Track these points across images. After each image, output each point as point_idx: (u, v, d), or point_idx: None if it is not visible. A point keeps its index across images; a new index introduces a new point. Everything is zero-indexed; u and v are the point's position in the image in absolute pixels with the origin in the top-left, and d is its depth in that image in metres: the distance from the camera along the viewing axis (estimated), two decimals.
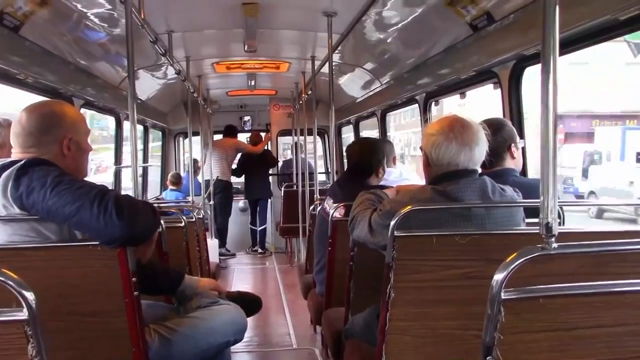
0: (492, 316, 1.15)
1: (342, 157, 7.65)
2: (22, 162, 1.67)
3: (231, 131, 7.51)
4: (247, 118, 8.27)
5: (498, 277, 1.14)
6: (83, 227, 1.63)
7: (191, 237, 3.32)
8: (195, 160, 7.08)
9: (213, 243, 5.98)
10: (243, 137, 8.13)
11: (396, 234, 1.65)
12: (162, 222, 2.60)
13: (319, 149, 8.20)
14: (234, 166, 7.53)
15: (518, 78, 2.95)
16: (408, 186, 2.22)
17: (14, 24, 2.65)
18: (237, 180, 7.87)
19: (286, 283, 5.97)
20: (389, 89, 5.01)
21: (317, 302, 3.17)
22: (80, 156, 1.85)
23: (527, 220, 1.90)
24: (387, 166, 3.14)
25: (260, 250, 7.68)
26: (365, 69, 5.07)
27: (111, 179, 5.11)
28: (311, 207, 4.30)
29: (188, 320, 2.08)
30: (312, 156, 5.60)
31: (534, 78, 1.36)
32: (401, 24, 3.57)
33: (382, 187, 2.32)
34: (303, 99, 5.96)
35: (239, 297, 2.43)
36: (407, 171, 4.93)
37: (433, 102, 4.22)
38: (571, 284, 1.18)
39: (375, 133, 6.00)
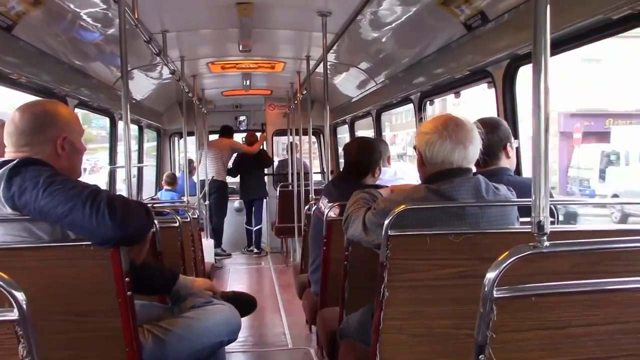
0: (484, 314, 1.15)
1: (338, 156, 7.66)
2: (15, 161, 1.66)
3: (227, 131, 7.51)
4: (242, 118, 8.25)
5: (490, 275, 1.14)
6: (76, 228, 1.62)
7: (185, 237, 3.32)
8: (191, 161, 7.07)
9: (208, 243, 5.98)
10: (238, 137, 8.12)
11: (390, 233, 1.64)
12: (156, 222, 2.59)
13: (315, 149, 8.20)
14: (229, 166, 7.53)
15: (512, 77, 2.95)
16: (403, 186, 2.23)
17: (6, 24, 2.64)
18: (233, 180, 7.87)
19: (282, 283, 5.97)
20: (384, 89, 5.01)
21: (312, 302, 3.17)
22: (74, 156, 1.84)
23: (521, 219, 1.90)
24: (382, 166, 3.14)
25: (255, 250, 7.68)
26: (360, 68, 5.07)
27: (106, 179, 5.10)
28: (306, 207, 4.30)
29: (182, 321, 2.07)
30: (307, 156, 5.60)
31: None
32: (395, 24, 3.58)
33: (377, 187, 2.32)
34: (298, 98, 5.95)
35: (233, 297, 2.43)
36: (402, 170, 4.92)
37: (428, 102, 4.23)
38: (562, 282, 1.18)
39: (370, 133, 5.99)
